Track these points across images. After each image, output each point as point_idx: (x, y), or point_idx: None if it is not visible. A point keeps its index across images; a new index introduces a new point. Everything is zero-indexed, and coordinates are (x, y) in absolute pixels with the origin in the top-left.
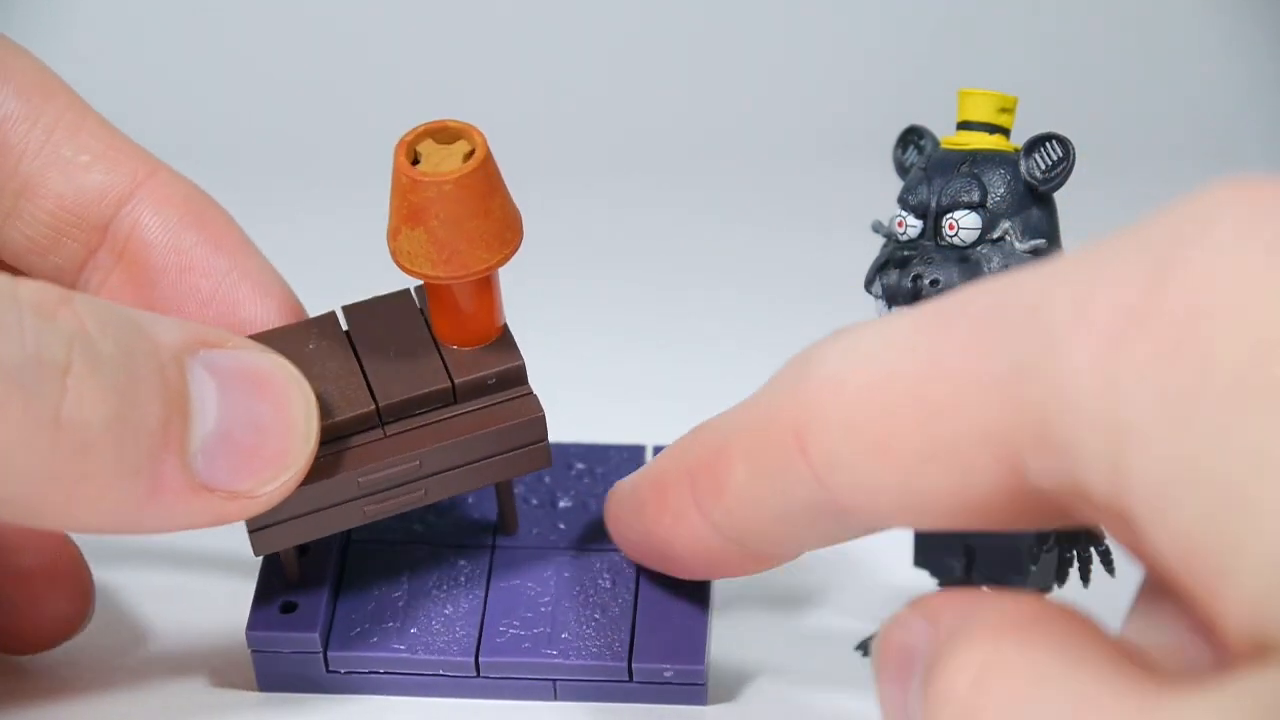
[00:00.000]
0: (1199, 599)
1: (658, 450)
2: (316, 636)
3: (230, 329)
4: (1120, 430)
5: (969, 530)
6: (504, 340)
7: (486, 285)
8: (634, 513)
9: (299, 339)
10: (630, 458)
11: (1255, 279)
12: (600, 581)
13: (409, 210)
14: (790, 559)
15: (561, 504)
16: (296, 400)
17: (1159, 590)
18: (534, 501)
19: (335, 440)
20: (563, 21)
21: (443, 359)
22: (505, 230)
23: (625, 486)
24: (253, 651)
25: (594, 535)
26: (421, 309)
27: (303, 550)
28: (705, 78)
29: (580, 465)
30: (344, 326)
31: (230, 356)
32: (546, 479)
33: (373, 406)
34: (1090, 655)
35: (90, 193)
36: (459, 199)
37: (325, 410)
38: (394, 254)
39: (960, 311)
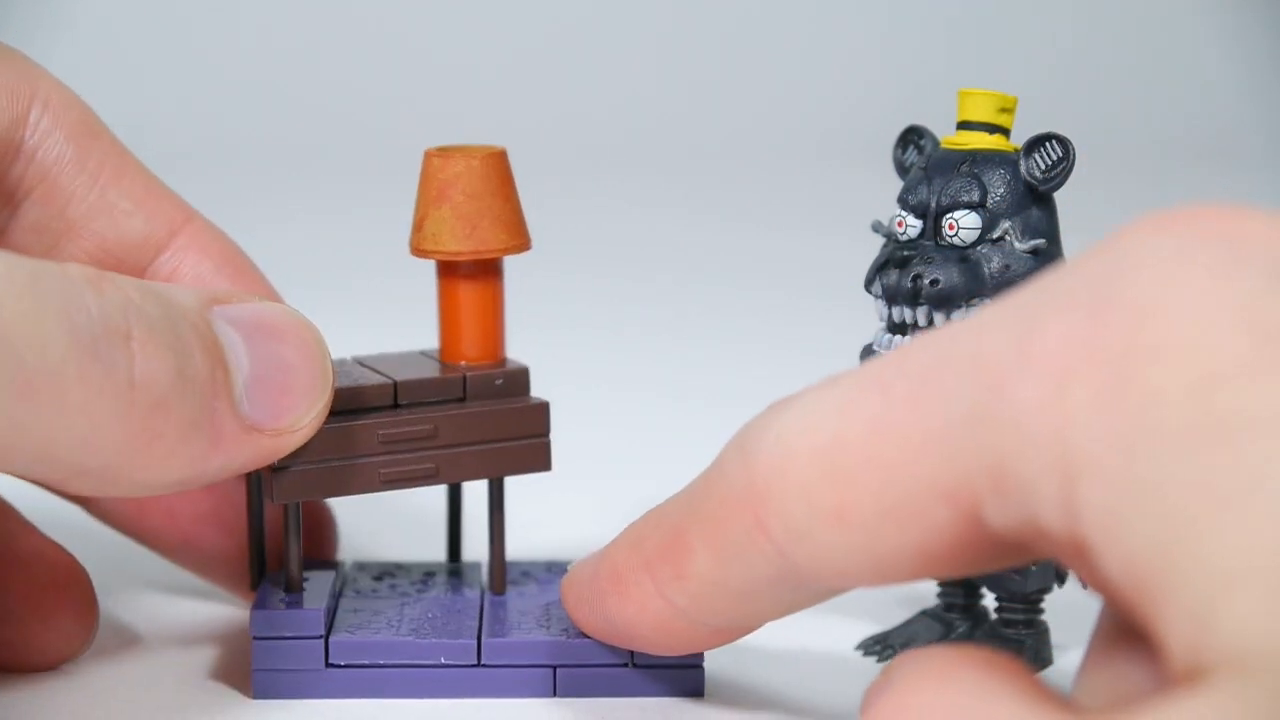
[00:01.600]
0: (1150, 628)
1: None
2: (320, 614)
3: None
4: (1072, 467)
5: (935, 579)
6: (509, 362)
7: (497, 282)
8: (593, 603)
9: None
10: None
11: (1191, 312)
12: None
13: (436, 191)
14: (755, 629)
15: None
16: (310, 337)
17: (1114, 638)
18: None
19: (356, 411)
20: (560, 23)
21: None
22: (520, 224)
23: (582, 575)
24: (254, 640)
25: None
26: (426, 353)
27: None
28: (705, 78)
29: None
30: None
31: (242, 309)
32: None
33: (391, 382)
34: (1009, 693)
35: (131, 239)
36: (485, 175)
37: (349, 386)
38: (417, 245)
39: (898, 370)
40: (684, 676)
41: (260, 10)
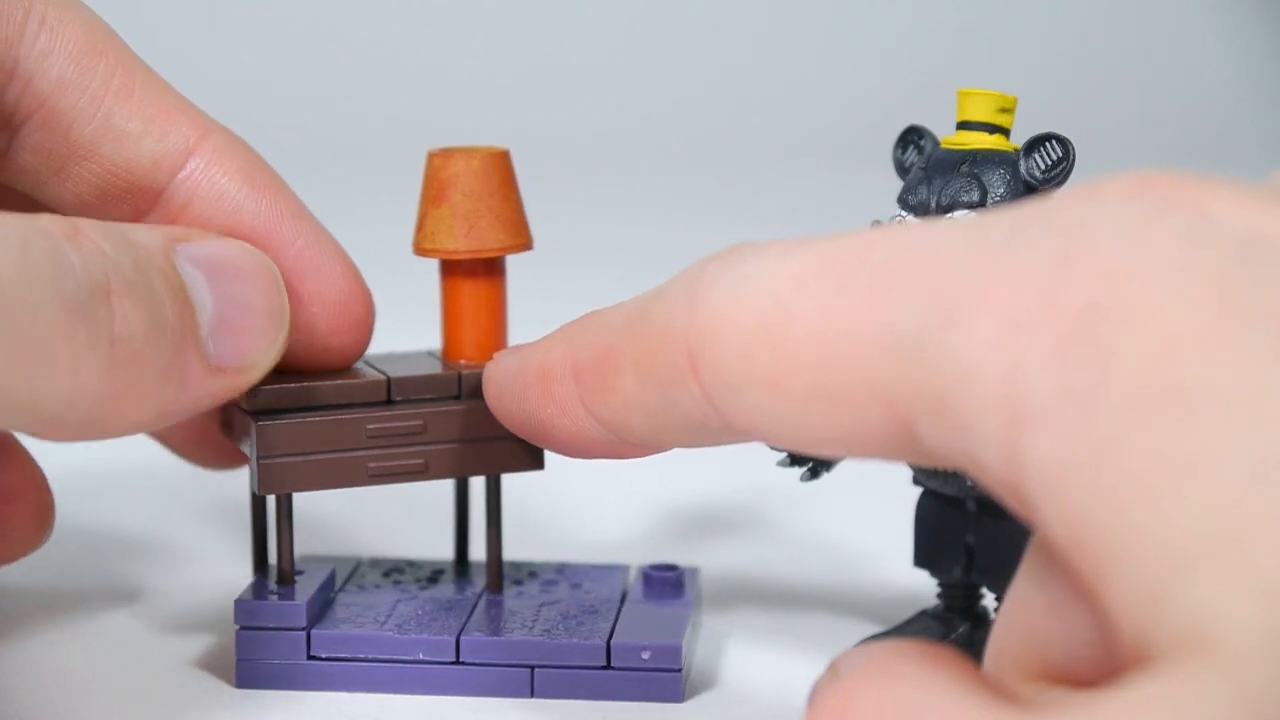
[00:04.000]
0: (1092, 593)
1: (644, 570)
2: (303, 607)
3: (298, 297)
4: (1019, 412)
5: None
6: None
7: (498, 281)
8: (515, 397)
9: None
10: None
11: (1159, 276)
12: (585, 599)
13: (436, 190)
14: (665, 450)
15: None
16: (269, 276)
17: (1041, 581)
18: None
19: (348, 405)
20: (558, 25)
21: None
22: (521, 224)
23: (508, 367)
24: (238, 630)
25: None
26: (433, 353)
27: (299, 572)
28: (704, 79)
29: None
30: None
31: (204, 248)
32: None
33: (384, 378)
34: (953, 686)
35: (142, 163)
36: (484, 175)
37: (342, 381)
38: (418, 244)
39: (862, 259)
40: (661, 680)
41: (279, 9)
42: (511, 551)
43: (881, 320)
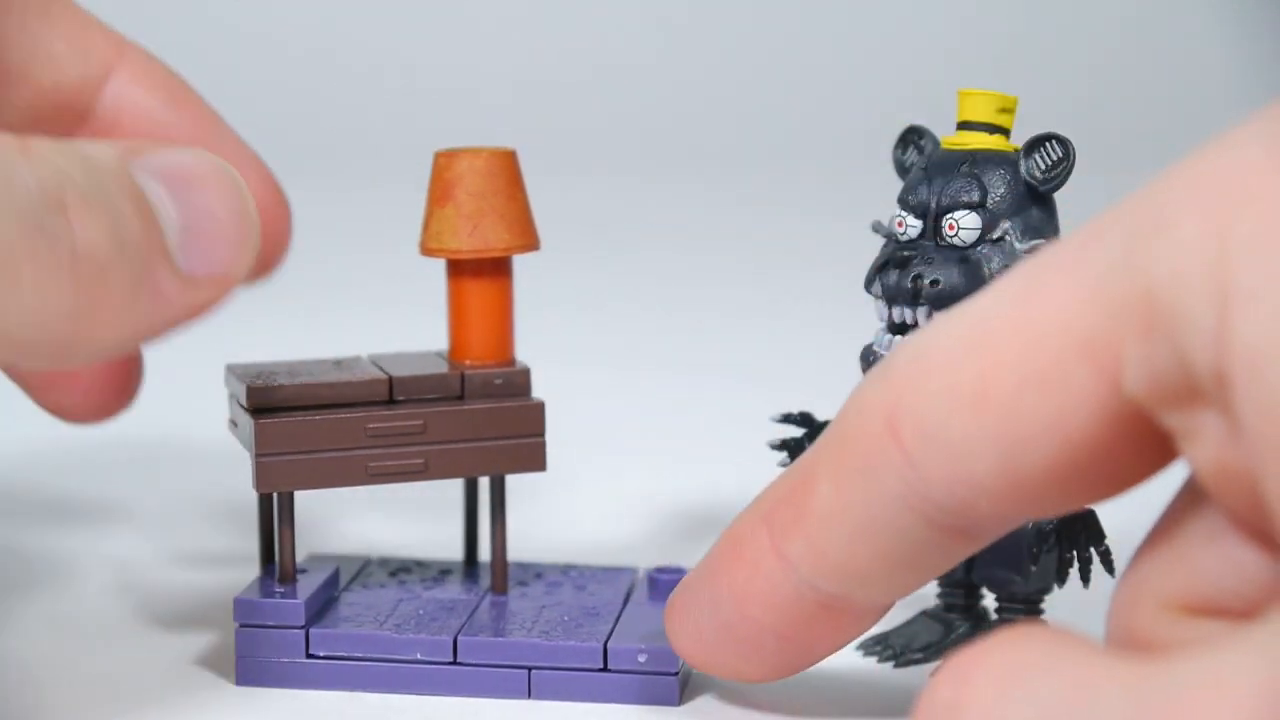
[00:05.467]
0: (1273, 494)
1: (650, 573)
2: (301, 606)
3: None
4: (1227, 292)
5: (1059, 509)
6: (514, 362)
7: (504, 281)
8: (702, 584)
9: (324, 364)
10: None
11: None
12: (588, 601)
13: (441, 189)
14: (871, 606)
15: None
16: (230, 181)
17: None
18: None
19: (349, 404)
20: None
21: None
22: (527, 224)
23: (693, 575)
24: (237, 627)
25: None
26: (441, 354)
27: (301, 570)
28: (703, 79)
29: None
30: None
31: (160, 159)
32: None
33: (386, 378)
34: (1074, 649)
35: (69, 83)
36: (488, 174)
37: (343, 379)
38: (424, 244)
39: (1058, 245)
40: (659, 684)
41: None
42: (523, 553)
43: (1083, 271)
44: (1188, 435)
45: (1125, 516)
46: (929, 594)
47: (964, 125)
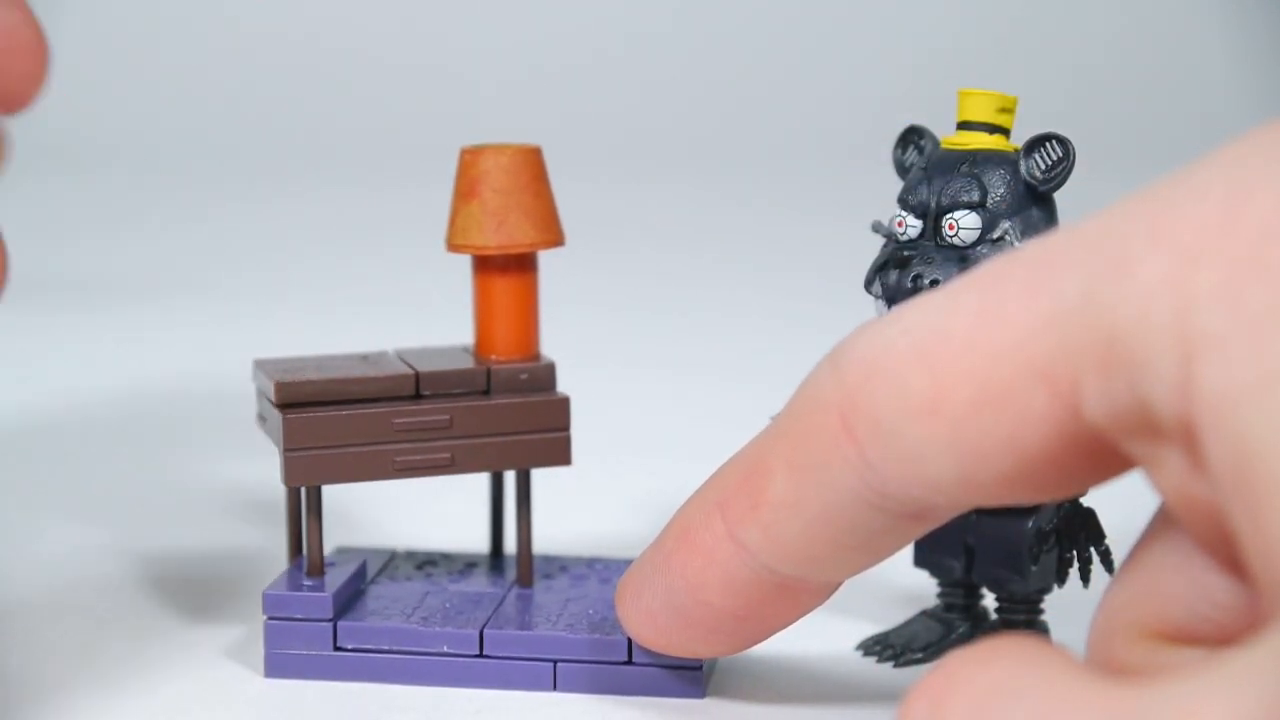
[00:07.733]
0: (1237, 535)
1: None
2: (329, 599)
3: None
4: (1193, 344)
5: (1015, 504)
6: (540, 357)
7: (529, 277)
8: (654, 570)
9: (351, 359)
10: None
11: None
12: (611, 597)
13: (467, 186)
14: (827, 584)
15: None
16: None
17: (1165, 549)
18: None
19: (376, 400)
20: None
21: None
22: (552, 221)
23: (639, 562)
24: (266, 620)
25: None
26: (467, 348)
27: (330, 563)
28: (702, 79)
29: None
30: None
31: None
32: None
33: (412, 373)
34: (1051, 669)
35: None
36: (513, 171)
37: (370, 374)
38: (450, 240)
39: (1012, 261)
40: (683, 677)
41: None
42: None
43: (1043, 299)
44: (1151, 463)
45: (1125, 516)
46: (929, 594)
47: (964, 125)
